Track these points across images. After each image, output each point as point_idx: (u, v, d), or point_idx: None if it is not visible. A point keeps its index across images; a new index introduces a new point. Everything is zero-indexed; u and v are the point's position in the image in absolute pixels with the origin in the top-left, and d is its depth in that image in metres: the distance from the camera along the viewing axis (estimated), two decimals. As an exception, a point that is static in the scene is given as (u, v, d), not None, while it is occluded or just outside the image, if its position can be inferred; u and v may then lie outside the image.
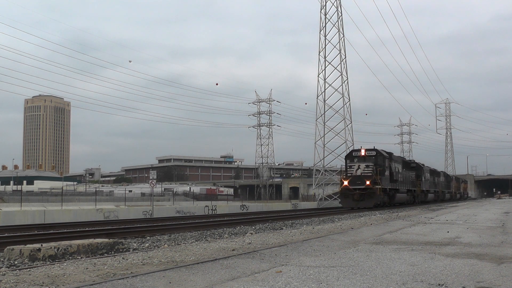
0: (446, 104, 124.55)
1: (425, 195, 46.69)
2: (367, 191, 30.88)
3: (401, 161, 39.32)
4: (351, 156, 33.46)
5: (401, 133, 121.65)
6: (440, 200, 55.36)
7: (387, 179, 33.13)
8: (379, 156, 32.74)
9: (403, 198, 37.90)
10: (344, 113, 56.71)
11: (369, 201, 30.89)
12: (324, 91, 57.56)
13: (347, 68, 57.00)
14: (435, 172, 54.92)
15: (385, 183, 32.49)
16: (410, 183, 40.89)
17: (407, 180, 39.97)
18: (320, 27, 58.08)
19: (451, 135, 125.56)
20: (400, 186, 36.62)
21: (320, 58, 57.67)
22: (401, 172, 37.72)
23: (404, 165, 39.74)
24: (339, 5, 57.72)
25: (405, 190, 38.62)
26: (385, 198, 33.01)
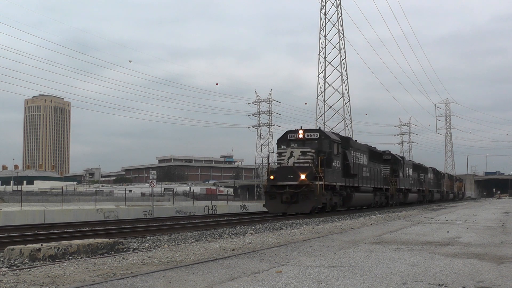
0: (446, 104, 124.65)
1: (405, 195, 38.32)
2: (302, 189, 20.92)
3: (366, 150, 29.94)
4: (285, 139, 23.42)
5: (401, 133, 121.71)
6: (428, 201, 47.94)
7: (337, 172, 23.52)
8: (325, 140, 22.86)
9: (366, 199, 28.77)
10: (344, 113, 56.70)
11: (304, 203, 21.12)
12: (324, 91, 57.57)
13: (347, 68, 56.99)
14: (420, 167, 47.19)
15: (332, 177, 22.72)
16: (381, 179, 32.02)
17: (376, 175, 30.80)
18: (320, 27, 58.10)
19: (451, 135, 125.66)
20: (362, 182, 27.20)
21: (320, 58, 57.67)
22: (366, 164, 28.89)
23: (371, 156, 30.67)
24: (339, 5, 57.74)
25: (371, 189, 29.30)
26: (335, 199, 23.63)
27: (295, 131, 23.22)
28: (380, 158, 33.91)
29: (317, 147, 22.31)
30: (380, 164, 33.14)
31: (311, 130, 23.60)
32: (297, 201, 21.00)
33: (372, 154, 31.09)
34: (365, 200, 28.81)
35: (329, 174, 22.35)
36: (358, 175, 26.76)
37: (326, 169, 21.87)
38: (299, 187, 20.96)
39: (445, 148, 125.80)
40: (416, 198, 42.84)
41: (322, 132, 24.02)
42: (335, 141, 23.82)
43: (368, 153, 29.93)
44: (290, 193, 21.00)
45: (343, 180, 24.37)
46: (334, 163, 23.07)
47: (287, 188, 21.06)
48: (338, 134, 26.84)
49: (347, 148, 25.56)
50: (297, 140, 22.82)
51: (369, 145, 32.50)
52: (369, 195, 29.27)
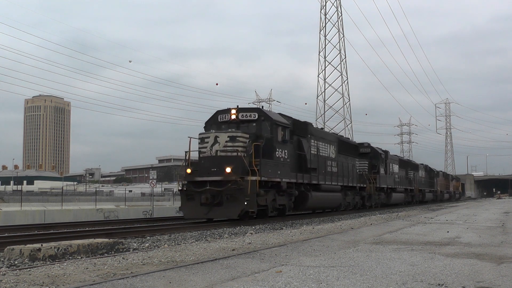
0: (446, 104, 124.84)
1: (388, 195, 33.38)
2: (227, 187, 15.43)
3: (335, 140, 24.59)
4: (215, 121, 17.70)
5: (401, 133, 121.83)
6: (418, 201, 43.37)
7: (284, 165, 17.71)
8: (265, 122, 17.21)
9: (331, 199, 23.02)
10: (344, 113, 56.73)
11: (230, 206, 15.54)
12: (324, 91, 57.61)
13: (347, 68, 57.03)
14: (409, 164, 43.34)
15: (275, 171, 16.98)
16: (355, 176, 26.79)
17: (348, 171, 25.50)
18: (320, 27, 58.16)
19: (451, 135, 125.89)
20: (325, 179, 21.67)
21: (320, 58, 57.74)
22: (334, 157, 23.71)
23: (342, 147, 25.42)
24: (339, 5, 57.81)
25: (339, 187, 23.76)
26: (282, 200, 17.88)
27: (227, 111, 17.43)
28: (355, 151, 28.71)
29: (255, 131, 16.88)
30: (355, 158, 27.88)
31: (247, 110, 17.71)
32: (220, 203, 15.44)
33: (343, 145, 25.71)
34: (329, 201, 22.87)
35: (269, 167, 16.51)
36: (319, 170, 20.99)
37: (264, 161, 16.14)
38: (224, 184, 15.38)
39: (445, 148, 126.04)
40: (402, 199, 37.81)
41: (261, 112, 17.66)
42: (281, 124, 17.70)
43: (337, 144, 24.45)
44: (211, 192, 15.43)
45: (294, 175, 18.56)
46: (277, 152, 17.24)
47: (208, 185, 15.57)
48: (292, 118, 20.23)
49: (304, 136, 20.20)
50: (229, 122, 17.18)
51: (340, 135, 27.61)
52: (336, 195, 23.55)
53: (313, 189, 20.47)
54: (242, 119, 17.15)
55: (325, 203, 22.89)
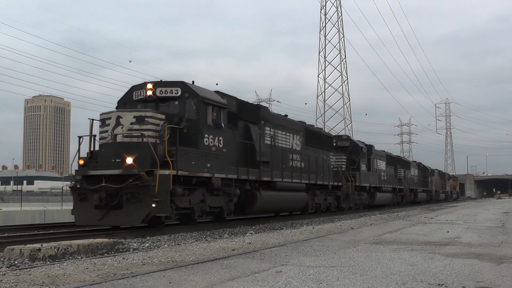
0: (446, 104, 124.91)
1: (372, 194, 29.76)
2: (128, 184, 11.70)
3: (300, 129, 20.43)
4: (129, 99, 13.92)
5: (401, 133, 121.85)
6: (408, 202, 40.01)
7: (218, 157, 13.76)
8: (189, 100, 13.31)
9: (288, 201, 18.55)
10: (344, 113, 56.76)
11: (132, 209, 11.81)
12: (324, 91, 57.64)
13: (347, 68, 57.03)
14: (399, 161, 39.42)
15: (203, 164, 13.13)
16: (328, 173, 22.54)
17: (318, 167, 21.15)
18: (320, 27, 58.18)
19: (451, 135, 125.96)
20: (282, 175, 17.63)
21: (320, 58, 57.75)
22: (299, 150, 19.69)
23: (311, 139, 21.31)
24: (339, 5, 57.84)
25: (303, 186, 19.50)
26: (217, 202, 14.13)
27: (142, 86, 13.61)
28: (329, 143, 24.14)
29: (177, 112, 13.14)
30: (329, 152, 23.60)
31: (168, 84, 13.48)
32: (119, 205, 11.69)
33: (312, 136, 21.49)
34: (288, 202, 18.71)
35: (192, 158, 12.64)
36: (274, 164, 17.14)
37: (184, 149, 12.35)
38: (124, 179, 11.61)
39: (445, 148, 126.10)
40: (390, 199, 34.12)
41: (186, 86, 13.35)
42: (212, 103, 13.60)
43: (303, 134, 20.51)
44: (107, 190, 11.64)
45: (235, 170, 14.58)
46: (207, 139, 13.24)
47: (103, 181, 11.73)
48: (237, 99, 16.45)
49: (255, 122, 16.54)
50: (145, 100, 13.43)
51: (310, 124, 22.93)
52: (299, 196, 19.39)
53: (265, 188, 16.59)
54: (161, 96, 13.36)
55: (283, 204, 18.65)
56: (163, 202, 11.80)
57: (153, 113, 12.54)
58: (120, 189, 11.70)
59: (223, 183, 14.06)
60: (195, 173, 12.89)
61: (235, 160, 14.85)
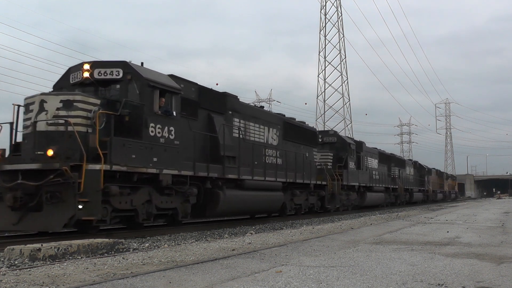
0: (446, 104, 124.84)
1: (362, 194, 28.13)
2: (48, 181, 9.61)
3: (277, 122, 18.56)
4: (65, 81, 12.07)
5: (401, 133, 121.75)
6: (403, 202, 38.33)
7: (168, 150, 11.81)
8: (133, 82, 11.45)
9: (260, 201, 16.43)
10: (344, 113, 56.79)
11: (52, 211, 9.70)
12: (324, 91, 57.67)
13: (347, 68, 57.05)
14: (393, 159, 37.45)
15: (147, 158, 11.15)
16: (310, 171, 20.34)
17: (298, 164, 19.16)
18: (320, 27, 58.21)
19: (451, 135, 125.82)
20: (251, 173, 15.67)
21: (320, 58, 57.80)
22: (275, 145, 17.92)
23: (289, 132, 19.22)
24: (339, 5, 57.85)
25: (279, 185, 17.50)
26: (168, 203, 12.37)
27: (79, 66, 11.77)
28: (312, 139, 21.97)
29: (118, 97, 11.32)
30: (312, 147, 21.51)
31: (108, 64, 11.68)
32: (39, 207, 9.89)
33: (291, 130, 19.57)
34: (260, 202, 16.48)
35: (133, 151, 10.69)
36: (243, 160, 15.22)
37: (120, 140, 10.49)
38: (44, 175, 9.77)
39: (445, 148, 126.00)
40: (382, 199, 32.30)
41: (128, 67, 11.50)
42: (160, 86, 11.70)
43: (281, 127, 18.65)
44: (24, 188, 9.88)
45: (191, 165, 12.63)
46: (153, 129, 11.30)
47: (20, 177, 9.96)
48: (198, 84, 14.08)
49: (221, 111, 14.72)
50: (83, 84, 11.62)
51: (290, 118, 20.61)
52: (274, 195, 17.21)
53: (232, 187, 14.59)
54: (100, 79, 11.52)
55: (254, 205, 16.30)
56: (92, 203, 9.93)
57: (84, 97, 10.68)
58: (39, 187, 9.78)
59: (176, 180, 12.19)
60: (137, 168, 10.88)
61: (192, 154, 12.78)
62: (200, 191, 13.37)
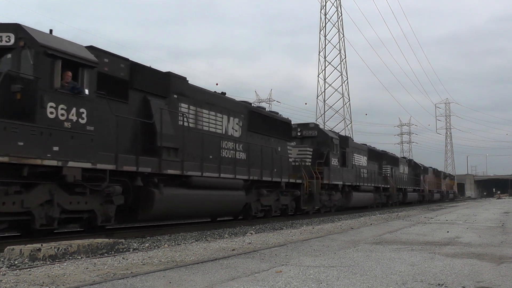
0: (446, 104, 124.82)
1: (347, 194, 25.47)
2: None
3: (240, 111, 16.10)
4: None
5: (401, 133, 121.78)
6: (396, 203, 35.89)
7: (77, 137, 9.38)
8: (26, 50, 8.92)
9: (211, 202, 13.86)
10: (344, 113, 56.78)
11: None
12: (324, 91, 57.66)
13: (347, 68, 57.02)
14: (385, 156, 34.86)
15: (44, 145, 8.72)
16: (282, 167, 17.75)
17: (266, 159, 16.77)
18: (320, 27, 58.19)
19: (451, 135, 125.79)
20: (200, 168, 13.29)
21: (320, 58, 57.77)
22: (237, 137, 15.56)
23: (255, 123, 16.75)
24: (339, 5, 57.84)
25: (239, 183, 15.22)
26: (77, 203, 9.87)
27: None
28: (286, 131, 19.10)
29: (9, 68, 8.96)
30: (286, 141, 18.85)
31: None
32: None
33: (260, 121, 17.10)
34: (212, 203, 13.86)
35: (20, 136, 8.43)
36: (188, 152, 12.80)
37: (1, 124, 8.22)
38: None
39: (445, 148, 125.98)
40: (371, 200, 29.73)
41: (22, 31, 9.11)
42: (63, 56, 9.42)
43: (246, 117, 16.16)
44: None
45: (112, 157, 10.37)
46: (53, 110, 9.11)
47: None
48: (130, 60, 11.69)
49: (162, 95, 12.37)
50: None
51: (259, 107, 18.89)
52: (232, 195, 14.69)
53: (174, 184, 12.30)
54: None
55: (204, 207, 13.65)
56: None
57: None
58: None
59: (90, 176, 9.91)
60: (26, 159, 8.53)
61: (114, 143, 10.37)
62: (128, 189, 10.92)
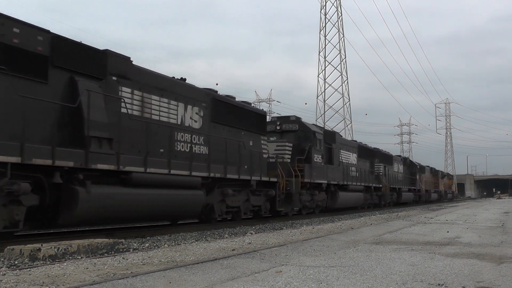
0: (446, 104, 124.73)
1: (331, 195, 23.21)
2: None
3: (201, 98, 13.95)
4: None
5: (401, 133, 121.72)
6: (389, 203, 34.02)
7: None
8: None
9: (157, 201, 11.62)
10: (344, 113, 56.77)
11: None
12: (324, 91, 57.65)
13: (347, 68, 57.02)
14: (377, 154, 32.73)
15: None
16: (251, 163, 15.82)
17: (235, 154, 15.00)
18: (320, 27, 58.18)
19: (451, 135, 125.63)
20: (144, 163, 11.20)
21: (320, 58, 57.76)
22: (197, 128, 13.55)
23: (220, 113, 14.72)
24: (339, 5, 57.84)
25: (196, 181, 13.11)
26: None
27: None
28: (259, 124, 17.07)
29: None
30: (259, 134, 16.89)
31: None
32: None
33: (226, 110, 15.02)
34: (158, 205, 11.80)
35: None
36: (128, 144, 11.02)
37: None
38: None
39: (445, 148, 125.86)
40: (361, 200, 27.88)
41: None
42: None
43: (209, 106, 14.04)
44: None
45: (18, 148, 8.39)
46: None
47: None
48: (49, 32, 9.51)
49: (95, 76, 10.44)
50: None
51: (228, 96, 15.84)
52: (184, 195, 12.58)
53: (108, 182, 10.39)
54: None
55: (149, 208, 11.44)
56: None
57: None
58: None
59: None
60: None
61: (20, 130, 8.45)
62: (43, 187, 9.06)
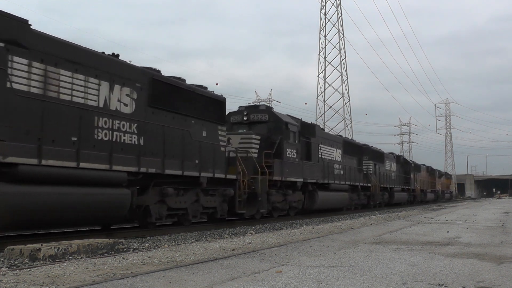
0: (446, 104, 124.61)
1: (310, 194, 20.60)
2: None
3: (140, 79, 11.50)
4: None
5: (401, 133, 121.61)
6: (381, 204, 32.13)
7: None
8: None
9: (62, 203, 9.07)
10: (344, 113, 56.73)
11: None
12: (324, 91, 57.62)
13: (347, 68, 56.97)
14: (365, 150, 30.45)
15: None
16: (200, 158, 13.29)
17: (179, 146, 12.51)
18: (320, 27, 58.14)
19: (451, 135, 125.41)
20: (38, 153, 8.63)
21: (320, 58, 57.71)
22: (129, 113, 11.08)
23: (164, 96, 12.21)
24: (339, 5, 57.80)
25: (120, 177, 10.63)
26: None
27: None
28: (217, 111, 14.60)
29: None
30: (216, 124, 14.48)
31: None
32: None
33: (169, 95, 12.55)
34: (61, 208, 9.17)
35: None
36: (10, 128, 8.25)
37: None
38: None
39: (445, 148, 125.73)
40: (346, 200, 24.92)
41: None
42: None
43: (146, 89, 11.73)
44: None
45: None
46: None
47: None
48: None
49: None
50: None
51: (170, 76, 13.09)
52: (102, 196, 10.13)
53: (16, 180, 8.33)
54: None
55: (41, 211, 8.81)
56: None
57: None
58: None
59: None
60: None
61: None
62: None
